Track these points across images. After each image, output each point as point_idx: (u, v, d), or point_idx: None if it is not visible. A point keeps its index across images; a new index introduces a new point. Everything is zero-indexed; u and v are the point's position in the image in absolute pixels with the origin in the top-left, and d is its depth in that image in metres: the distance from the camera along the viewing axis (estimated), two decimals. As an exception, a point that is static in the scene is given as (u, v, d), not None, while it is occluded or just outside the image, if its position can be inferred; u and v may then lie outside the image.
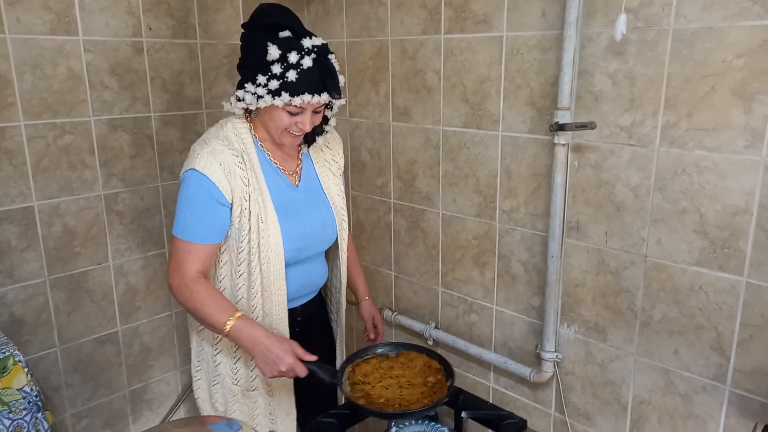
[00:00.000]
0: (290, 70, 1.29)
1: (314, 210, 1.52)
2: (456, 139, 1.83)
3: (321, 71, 1.32)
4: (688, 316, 1.43)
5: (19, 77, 1.90)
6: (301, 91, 1.30)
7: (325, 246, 1.58)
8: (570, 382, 1.71)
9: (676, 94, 1.35)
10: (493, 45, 1.66)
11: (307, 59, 1.30)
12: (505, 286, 1.82)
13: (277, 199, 1.43)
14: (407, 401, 1.28)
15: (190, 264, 1.37)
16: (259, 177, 1.41)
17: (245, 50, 1.39)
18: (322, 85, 1.33)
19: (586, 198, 1.56)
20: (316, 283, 1.60)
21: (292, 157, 1.51)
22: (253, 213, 1.39)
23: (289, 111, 1.34)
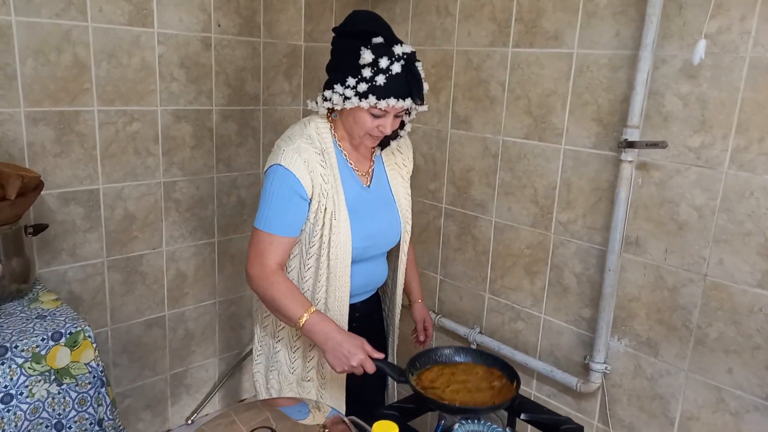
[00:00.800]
0: (379, 75, 1.34)
1: (383, 211, 1.57)
2: (516, 150, 1.87)
3: (408, 77, 1.37)
4: (746, 336, 1.47)
5: (97, 65, 1.98)
6: (387, 95, 1.35)
7: (389, 246, 1.62)
8: (616, 394, 1.75)
9: (748, 119, 1.38)
10: (561, 61, 1.71)
11: (397, 65, 1.35)
12: (555, 296, 1.86)
13: (350, 198, 1.48)
14: (481, 403, 1.32)
15: (271, 255, 1.42)
16: (336, 175, 1.46)
17: (337, 53, 1.43)
18: (407, 91, 1.37)
19: (647, 215, 1.59)
20: (376, 282, 1.65)
21: (365, 159, 1.56)
22: (328, 210, 1.44)
23: (373, 114, 1.39)
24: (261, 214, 1.43)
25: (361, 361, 1.36)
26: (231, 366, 2.67)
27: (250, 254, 1.45)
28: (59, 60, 1.89)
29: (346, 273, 1.50)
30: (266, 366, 1.64)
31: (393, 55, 1.35)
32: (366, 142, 1.48)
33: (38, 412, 1.53)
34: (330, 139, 1.49)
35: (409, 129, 1.56)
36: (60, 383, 1.56)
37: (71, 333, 1.56)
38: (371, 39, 1.36)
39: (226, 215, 2.46)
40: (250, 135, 2.47)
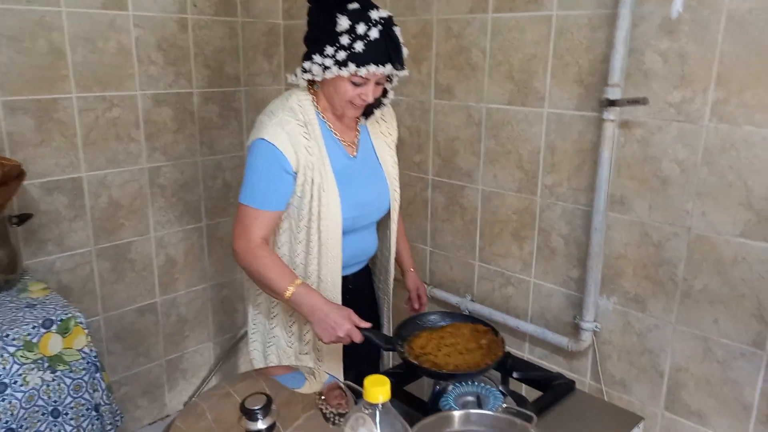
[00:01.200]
0: (357, 41, 1.33)
1: (371, 180, 1.57)
2: (499, 116, 1.88)
3: (387, 43, 1.36)
4: (730, 286, 1.50)
5: (73, 50, 1.95)
6: (366, 62, 1.34)
7: (379, 216, 1.63)
8: (607, 351, 1.78)
9: (727, 71, 1.40)
10: (541, 24, 1.71)
11: (374, 30, 1.34)
12: (543, 259, 1.88)
13: (337, 169, 1.48)
14: (475, 365, 1.34)
15: (256, 230, 1.42)
16: (321, 147, 1.46)
17: (313, 23, 1.42)
18: (386, 57, 1.36)
19: (631, 173, 1.61)
20: (367, 252, 1.65)
21: (350, 129, 1.56)
22: (316, 182, 1.44)
23: (354, 82, 1.38)
24: (245, 188, 1.43)
25: (347, 331, 1.37)
26: (226, 349, 2.68)
27: (235, 230, 1.45)
28: (34, 47, 1.86)
29: (338, 244, 1.50)
30: (263, 343, 1.65)
31: (370, 21, 1.34)
32: (348, 112, 1.47)
33: (34, 400, 1.53)
34: (313, 111, 1.48)
35: (392, 96, 1.55)
36: (54, 370, 1.55)
37: (62, 320, 1.56)
38: (347, 5, 1.35)
39: (212, 198, 2.45)
40: (232, 117, 2.45)
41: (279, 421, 0.94)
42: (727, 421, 1.58)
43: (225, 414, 1.01)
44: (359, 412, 0.81)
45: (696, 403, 1.63)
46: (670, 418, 1.69)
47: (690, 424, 1.65)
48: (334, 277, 1.53)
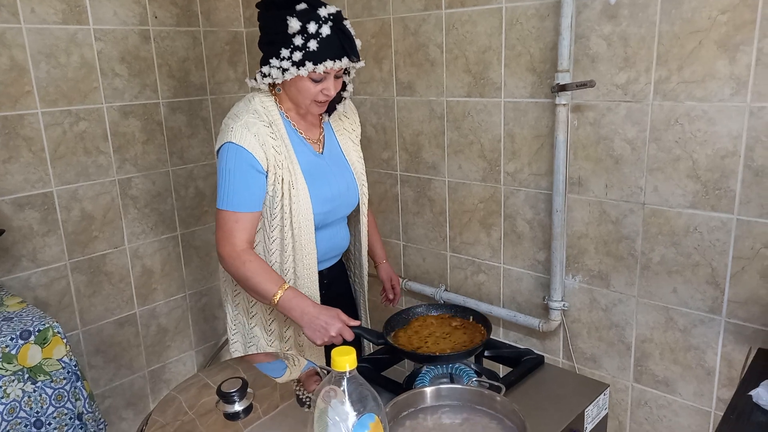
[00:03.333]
0: (311, 40, 1.37)
1: (338, 175, 1.61)
2: (460, 109, 1.94)
3: (339, 37, 1.40)
4: (685, 255, 1.57)
5: (35, 66, 1.96)
6: (323, 58, 1.38)
7: (349, 209, 1.66)
8: (576, 329, 1.84)
9: (666, 50, 1.48)
10: (493, 16, 1.78)
11: (325, 27, 1.37)
12: (511, 244, 1.94)
13: (305, 166, 1.52)
14: (462, 345, 1.40)
15: (238, 234, 1.45)
16: (288, 145, 1.50)
17: (265, 27, 1.44)
18: (341, 51, 1.40)
19: (586, 154, 1.68)
20: (340, 246, 1.69)
21: (314, 127, 1.60)
22: (285, 179, 1.48)
23: (314, 79, 1.42)
24: (221, 193, 1.45)
25: (339, 330, 1.41)
26: (209, 357, 2.69)
27: (217, 235, 1.48)
28: (-5, 64, 1.87)
29: (311, 240, 1.54)
30: (244, 344, 1.67)
31: (320, 19, 1.38)
32: (313, 110, 1.51)
33: (15, 412, 1.54)
34: (276, 112, 1.51)
35: (351, 89, 1.59)
36: (34, 381, 1.57)
37: (39, 330, 1.57)
38: (295, 6, 1.39)
39: (186, 208, 2.47)
40: (200, 125, 2.48)
41: (255, 403, 0.98)
42: (692, 386, 1.65)
43: (202, 402, 1.04)
44: (329, 385, 0.85)
45: (662, 372, 1.69)
46: (639, 389, 1.75)
47: (658, 393, 1.71)
48: (310, 273, 1.57)
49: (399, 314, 1.53)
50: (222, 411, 0.97)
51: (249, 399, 0.98)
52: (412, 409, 1.17)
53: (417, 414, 1.17)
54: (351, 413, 0.84)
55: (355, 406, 0.85)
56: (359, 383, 0.85)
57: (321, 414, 0.85)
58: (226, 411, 0.96)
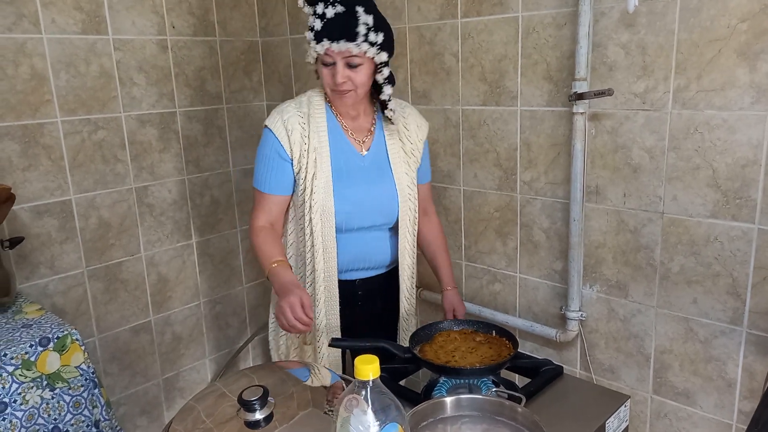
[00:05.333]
0: (317, 20, 1.42)
1: (376, 180, 1.58)
2: (475, 117, 1.94)
3: (343, 20, 1.41)
4: (705, 265, 1.55)
5: (55, 75, 1.99)
6: (321, 38, 1.42)
7: (384, 220, 1.61)
8: (594, 339, 1.82)
9: (685, 59, 1.47)
10: (509, 25, 1.78)
11: (331, 9, 1.41)
12: (527, 253, 1.93)
13: (338, 162, 1.53)
14: (490, 359, 1.39)
15: (260, 212, 1.55)
16: (322, 138, 1.52)
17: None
18: (339, 32, 1.41)
19: (603, 163, 1.67)
20: (372, 258, 1.64)
21: (364, 128, 1.60)
22: (309, 172, 1.50)
23: (324, 62, 1.45)
24: (255, 172, 1.56)
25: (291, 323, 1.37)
26: (222, 366, 2.70)
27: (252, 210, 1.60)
28: (17, 73, 1.90)
29: (332, 240, 1.54)
30: (277, 332, 1.71)
31: (327, 1, 1.42)
32: (336, 101, 1.52)
33: (34, 419, 1.54)
34: (321, 104, 1.55)
35: (388, 91, 1.56)
36: (53, 388, 1.57)
37: (58, 338, 1.58)
38: None
39: (201, 216, 2.48)
40: (216, 134, 2.49)
41: (276, 411, 0.98)
42: (713, 398, 1.62)
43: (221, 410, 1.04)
44: (351, 394, 0.85)
45: (682, 384, 1.67)
46: (659, 401, 1.73)
47: (678, 405, 1.69)
48: (330, 276, 1.57)
49: (422, 329, 1.53)
50: (243, 419, 0.96)
51: (270, 407, 0.98)
52: (432, 419, 1.16)
53: (436, 424, 1.16)
54: (373, 422, 0.84)
55: (378, 415, 0.85)
56: (382, 392, 0.85)
57: (343, 423, 0.85)
58: (246, 419, 0.96)
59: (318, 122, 1.53)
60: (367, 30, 1.43)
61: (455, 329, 1.55)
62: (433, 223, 1.82)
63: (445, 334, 1.53)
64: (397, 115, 1.61)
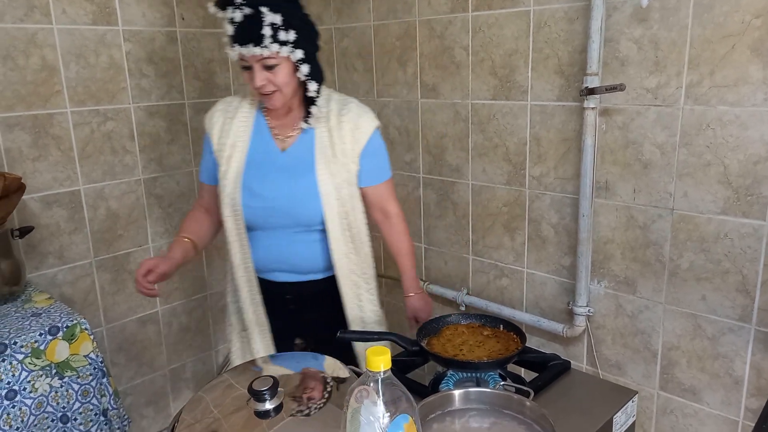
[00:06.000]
0: (228, 25, 1.39)
1: (293, 179, 1.50)
2: (485, 112, 1.93)
3: (249, 23, 1.35)
4: (715, 262, 1.55)
5: (65, 66, 1.99)
6: (233, 42, 1.39)
7: (298, 222, 1.52)
8: (601, 335, 1.82)
9: (698, 54, 1.46)
10: (520, 19, 1.77)
11: (238, 13, 1.36)
12: (535, 248, 1.92)
13: (252, 158, 1.52)
14: (498, 353, 1.39)
15: (198, 197, 1.70)
16: (243, 132, 1.53)
17: None
18: (246, 37, 1.36)
19: (614, 158, 1.67)
20: (296, 262, 1.56)
21: (288, 125, 1.53)
22: (223, 165, 1.53)
23: (241, 66, 1.44)
24: None
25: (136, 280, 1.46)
26: (227, 358, 2.70)
27: None
28: (28, 64, 1.90)
29: (243, 236, 1.55)
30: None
31: (234, 4, 1.37)
32: (265, 101, 1.47)
33: (43, 407, 1.55)
34: (250, 102, 1.57)
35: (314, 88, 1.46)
36: (62, 376, 1.58)
37: (68, 326, 1.59)
38: None
39: (208, 207, 2.49)
40: (224, 126, 2.49)
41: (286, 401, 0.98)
42: (719, 395, 1.62)
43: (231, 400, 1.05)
44: (362, 385, 0.85)
45: (689, 380, 1.67)
46: (665, 397, 1.73)
47: (684, 401, 1.69)
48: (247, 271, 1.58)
49: (430, 323, 1.53)
50: (253, 409, 0.97)
51: (280, 397, 0.98)
52: (440, 412, 1.17)
53: (444, 417, 1.16)
54: (384, 414, 0.84)
55: (388, 406, 0.85)
56: (393, 384, 0.85)
57: (354, 413, 0.85)
58: (256, 409, 0.96)
59: (242, 119, 1.54)
60: (274, 30, 1.36)
61: (463, 323, 1.55)
62: (394, 225, 1.67)
63: (452, 328, 1.53)
64: (335, 113, 1.51)
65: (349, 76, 2.34)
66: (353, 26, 2.26)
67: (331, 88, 1.71)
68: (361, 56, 2.27)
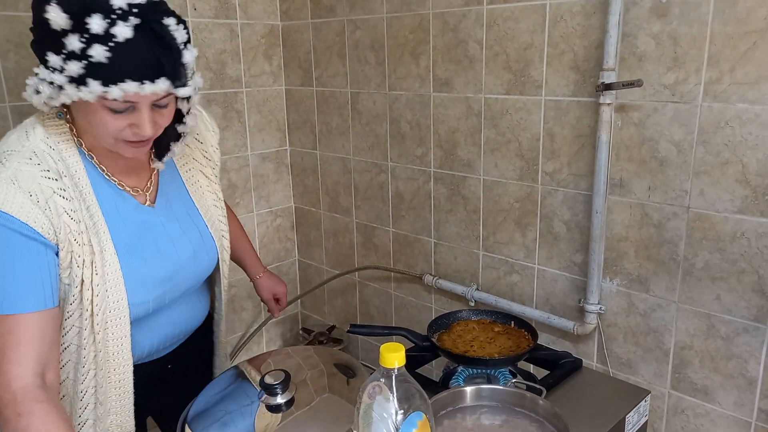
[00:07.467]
0: (95, 45, 0.85)
1: (180, 237, 1.13)
2: (498, 106, 1.91)
3: (152, 44, 0.88)
4: (730, 261, 1.53)
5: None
6: (118, 77, 0.87)
7: (200, 280, 1.22)
8: (612, 333, 1.81)
9: (718, 51, 1.43)
10: (536, 13, 1.75)
11: (124, 27, 0.86)
12: (547, 245, 1.91)
13: (120, 234, 1.03)
14: (509, 350, 1.39)
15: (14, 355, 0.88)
16: (91, 207, 1.00)
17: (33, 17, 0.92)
18: (155, 66, 0.89)
19: (629, 155, 1.65)
20: (191, 326, 1.25)
21: (140, 167, 1.10)
22: (87, 261, 0.98)
23: (112, 108, 0.91)
24: None
25: None
26: (235, 348, 2.71)
27: None
28: (40, 52, 1.90)
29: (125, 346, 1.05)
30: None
31: (111, 11, 0.86)
32: (125, 152, 1.00)
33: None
34: (73, 151, 1.00)
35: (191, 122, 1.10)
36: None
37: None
38: None
39: (218, 199, 2.48)
40: (235, 118, 2.49)
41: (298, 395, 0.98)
42: (732, 396, 1.61)
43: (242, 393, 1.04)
44: (375, 381, 0.84)
45: (701, 380, 1.65)
46: (677, 396, 1.71)
47: (696, 401, 1.67)
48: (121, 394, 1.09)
49: (440, 318, 1.53)
50: (264, 403, 0.96)
51: (291, 391, 0.98)
52: (450, 409, 1.16)
53: (455, 413, 1.16)
54: (397, 410, 0.83)
55: (401, 403, 0.84)
56: (407, 380, 0.84)
57: (366, 409, 0.85)
58: (268, 403, 0.96)
59: (80, 182, 1.00)
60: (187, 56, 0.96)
61: (473, 319, 1.55)
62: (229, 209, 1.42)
63: (463, 324, 1.53)
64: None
65: (360, 69, 2.32)
66: (366, 18, 2.25)
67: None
68: (374, 49, 2.25)
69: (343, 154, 2.51)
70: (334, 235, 2.69)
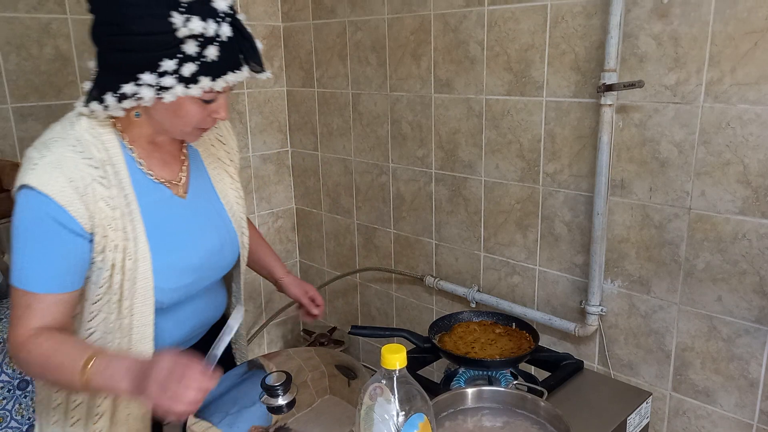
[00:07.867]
0: (209, 46, 0.95)
1: (209, 229, 1.18)
2: (499, 107, 1.91)
3: (238, 39, 1.00)
4: (732, 263, 1.52)
5: (79, 56, 1.99)
6: (223, 70, 0.98)
7: (223, 273, 1.25)
8: (613, 334, 1.81)
9: (719, 51, 1.43)
10: (536, 14, 1.75)
11: (226, 27, 0.97)
12: (548, 246, 1.91)
13: (154, 223, 1.07)
14: (510, 352, 1.39)
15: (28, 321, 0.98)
16: (129, 195, 1.04)
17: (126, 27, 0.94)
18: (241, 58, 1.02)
19: (630, 156, 1.64)
20: (211, 320, 1.28)
21: (173, 162, 1.15)
22: (120, 246, 1.02)
23: (206, 99, 1.01)
24: (13, 263, 0.98)
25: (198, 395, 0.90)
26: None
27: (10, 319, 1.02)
28: (41, 54, 1.90)
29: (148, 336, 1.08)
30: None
31: (216, 14, 0.95)
32: (193, 138, 1.11)
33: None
34: (116, 143, 1.04)
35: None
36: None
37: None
38: None
39: (219, 200, 2.49)
40: (236, 119, 2.49)
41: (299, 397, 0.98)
42: (733, 397, 1.60)
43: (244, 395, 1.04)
44: (377, 382, 0.84)
45: (703, 382, 1.65)
46: (678, 398, 1.71)
47: (698, 403, 1.67)
48: None
49: (441, 319, 1.53)
50: (266, 404, 0.96)
51: (293, 393, 0.98)
52: (452, 410, 1.16)
53: (456, 415, 1.15)
54: (398, 412, 0.83)
55: (403, 404, 0.84)
56: (408, 382, 0.84)
57: (367, 411, 0.84)
58: (270, 404, 0.96)
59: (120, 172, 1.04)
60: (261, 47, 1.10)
61: (475, 320, 1.54)
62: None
63: (464, 325, 1.53)
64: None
65: (362, 70, 2.32)
66: (367, 19, 2.25)
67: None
68: (375, 50, 2.25)
69: (344, 156, 2.51)
70: (335, 236, 2.69)
